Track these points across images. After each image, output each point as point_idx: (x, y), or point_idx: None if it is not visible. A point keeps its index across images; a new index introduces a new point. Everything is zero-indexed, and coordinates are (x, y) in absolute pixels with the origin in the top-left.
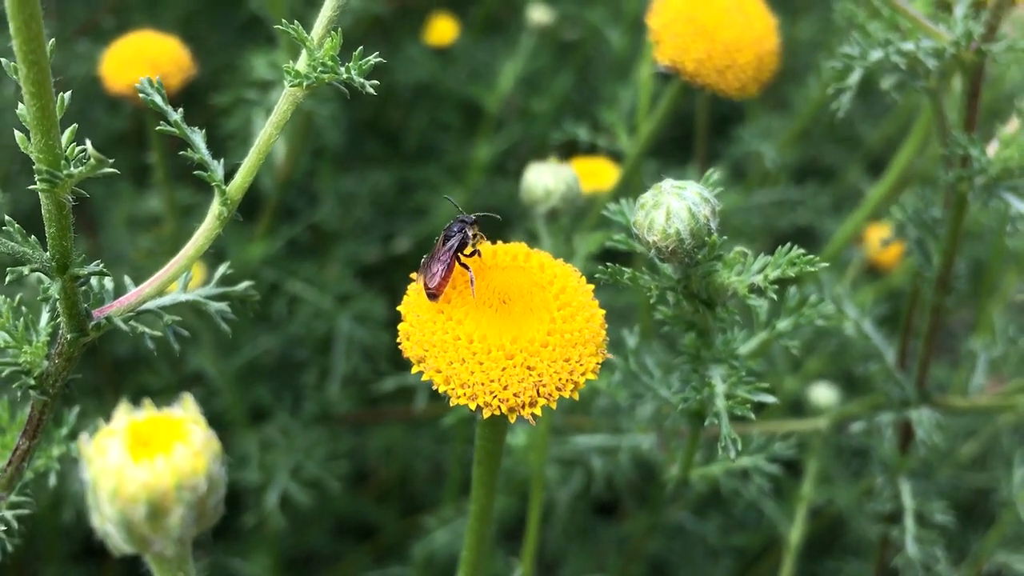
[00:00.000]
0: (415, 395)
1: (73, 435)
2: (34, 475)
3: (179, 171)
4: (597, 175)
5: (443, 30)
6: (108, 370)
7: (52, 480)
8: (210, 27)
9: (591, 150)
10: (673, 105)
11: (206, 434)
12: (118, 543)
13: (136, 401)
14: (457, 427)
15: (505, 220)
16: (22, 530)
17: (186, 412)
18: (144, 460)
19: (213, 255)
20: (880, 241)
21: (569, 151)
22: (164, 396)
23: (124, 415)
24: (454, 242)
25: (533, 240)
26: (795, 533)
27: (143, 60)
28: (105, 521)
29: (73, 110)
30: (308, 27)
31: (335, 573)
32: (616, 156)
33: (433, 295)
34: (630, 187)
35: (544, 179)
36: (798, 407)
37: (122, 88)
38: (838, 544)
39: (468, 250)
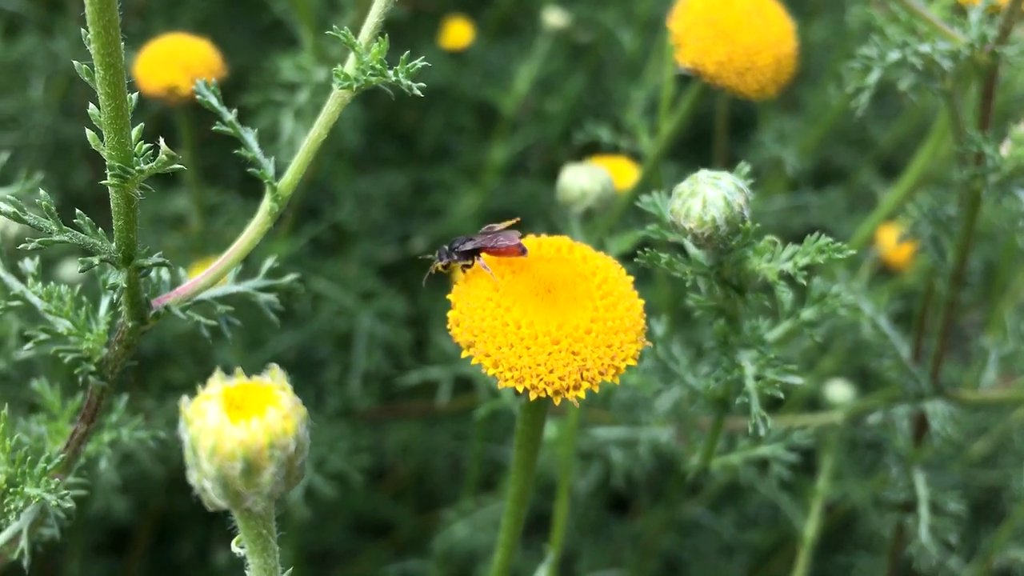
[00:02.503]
0: (434, 392)
1: (131, 414)
2: (85, 460)
3: (204, 171)
4: (616, 174)
5: (458, 34)
6: (133, 366)
7: (103, 464)
8: (227, 29)
9: (610, 150)
10: (693, 106)
11: (293, 399)
12: (213, 498)
13: (161, 396)
14: (477, 424)
15: (524, 219)
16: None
17: (274, 380)
18: (240, 421)
19: None
20: (898, 237)
21: (582, 152)
22: (189, 391)
23: (218, 382)
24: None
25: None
26: (810, 527)
27: (175, 62)
28: (203, 477)
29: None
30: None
31: (352, 569)
32: (634, 156)
33: (525, 248)
34: (650, 187)
35: (580, 180)
36: (813, 405)
37: (155, 89)
38: (849, 540)
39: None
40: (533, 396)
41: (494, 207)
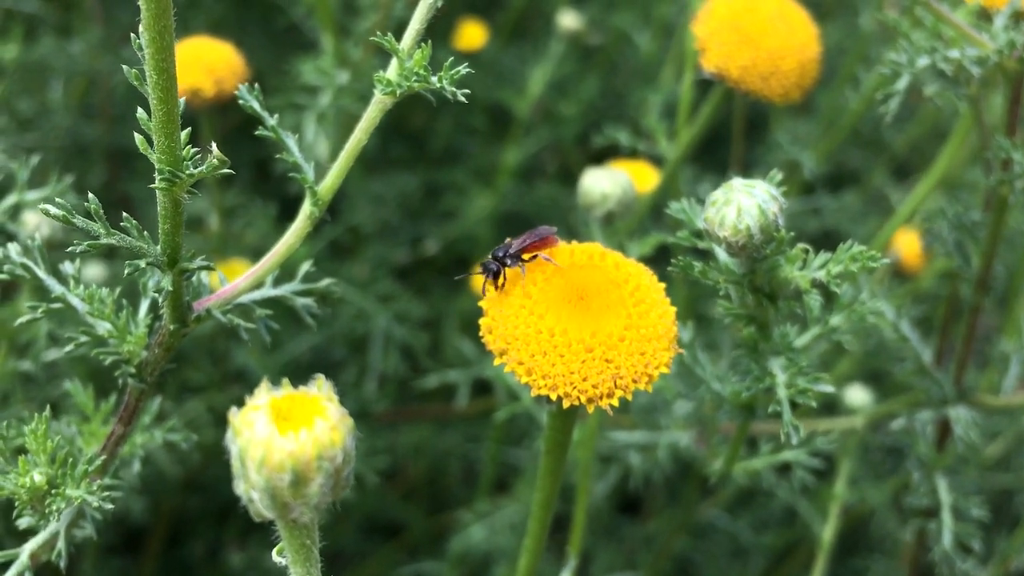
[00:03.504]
0: (447, 394)
1: (157, 422)
2: (119, 462)
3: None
4: (636, 178)
5: (472, 36)
6: (172, 368)
7: (136, 467)
8: (241, 33)
9: (627, 153)
10: (715, 110)
11: (340, 410)
12: (260, 509)
13: (179, 397)
14: (495, 427)
15: (538, 222)
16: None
17: (320, 391)
18: (289, 432)
19: (253, 254)
20: (923, 238)
21: (597, 154)
22: (207, 392)
23: (265, 392)
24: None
25: (570, 239)
26: (828, 531)
27: (200, 65)
28: (251, 488)
29: (119, 113)
30: (350, 35)
31: (363, 570)
32: (649, 159)
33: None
34: (670, 191)
35: (601, 183)
36: (829, 409)
37: (179, 92)
38: (862, 544)
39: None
40: (567, 404)
41: (507, 210)
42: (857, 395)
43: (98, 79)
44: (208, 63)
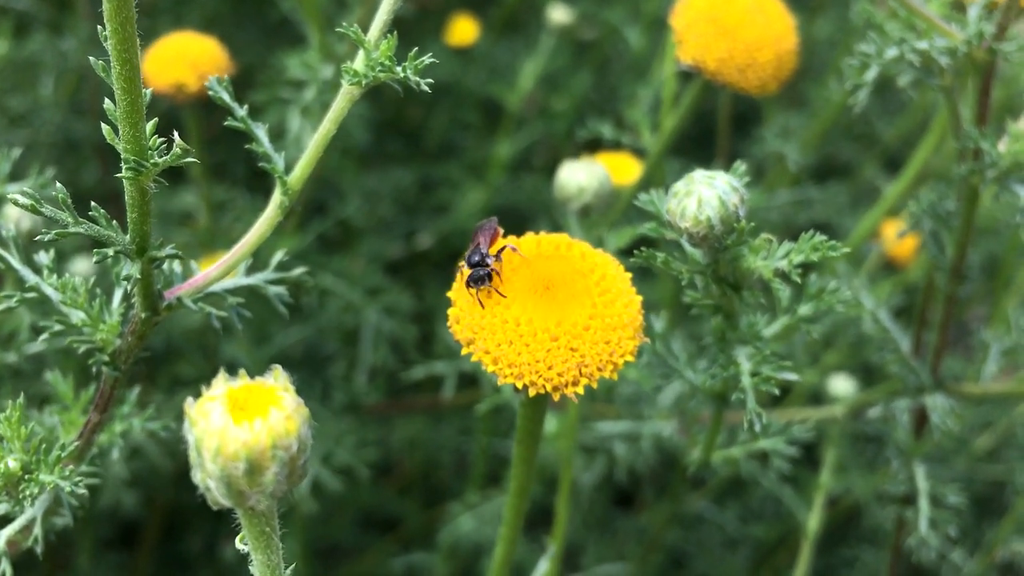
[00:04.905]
0: (439, 387)
1: (139, 408)
2: (98, 450)
3: (211, 168)
4: (620, 170)
5: (464, 31)
6: (146, 356)
7: (115, 455)
8: (234, 27)
9: (613, 146)
10: (695, 103)
11: (296, 400)
12: (217, 497)
13: (170, 390)
14: (482, 419)
15: (529, 215)
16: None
17: (276, 381)
18: (244, 422)
19: None
20: (897, 233)
21: (587, 148)
22: (198, 385)
23: (221, 383)
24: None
25: (556, 232)
26: (813, 520)
27: (184, 60)
28: (207, 477)
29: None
30: (339, 28)
31: (359, 564)
32: (638, 152)
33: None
34: (652, 182)
35: (577, 176)
36: (817, 399)
37: (163, 86)
38: (853, 534)
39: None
40: (532, 392)
41: (499, 203)
42: (841, 385)
43: (89, 75)
44: (192, 58)
